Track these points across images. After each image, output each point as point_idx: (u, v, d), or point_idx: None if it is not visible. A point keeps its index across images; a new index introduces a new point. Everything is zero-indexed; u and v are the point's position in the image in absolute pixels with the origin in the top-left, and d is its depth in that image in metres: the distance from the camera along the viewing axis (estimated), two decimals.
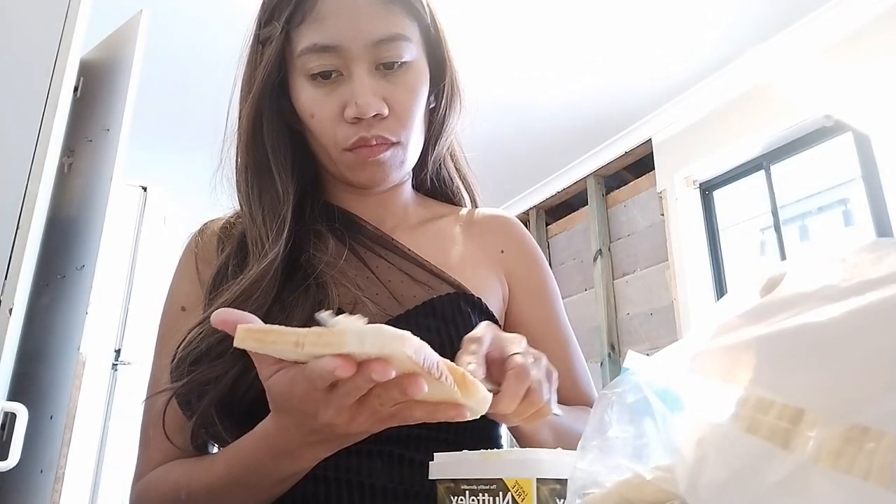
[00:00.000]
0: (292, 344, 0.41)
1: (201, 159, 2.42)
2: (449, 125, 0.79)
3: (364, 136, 0.69)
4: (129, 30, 1.79)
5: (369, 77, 0.68)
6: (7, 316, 1.33)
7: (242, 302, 0.65)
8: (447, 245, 0.80)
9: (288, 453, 0.54)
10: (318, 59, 0.68)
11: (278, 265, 0.68)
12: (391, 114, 0.69)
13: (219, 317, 0.44)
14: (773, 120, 2.83)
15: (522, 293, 0.81)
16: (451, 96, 0.78)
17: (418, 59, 0.72)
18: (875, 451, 0.26)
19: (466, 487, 0.45)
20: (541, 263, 0.85)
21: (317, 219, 0.76)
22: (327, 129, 0.70)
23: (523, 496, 0.42)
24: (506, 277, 0.81)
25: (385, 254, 0.76)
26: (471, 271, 0.77)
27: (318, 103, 0.70)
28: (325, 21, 0.68)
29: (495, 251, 0.82)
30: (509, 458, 0.44)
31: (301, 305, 0.67)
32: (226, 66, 0.79)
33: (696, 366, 0.35)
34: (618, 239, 3.65)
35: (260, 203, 0.73)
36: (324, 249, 0.72)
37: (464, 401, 0.43)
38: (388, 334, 0.39)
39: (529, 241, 0.86)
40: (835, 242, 0.34)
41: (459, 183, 0.88)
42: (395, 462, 0.64)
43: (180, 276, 0.78)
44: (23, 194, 1.40)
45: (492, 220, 0.86)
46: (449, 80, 0.77)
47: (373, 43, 0.68)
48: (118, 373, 3.31)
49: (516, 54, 2.92)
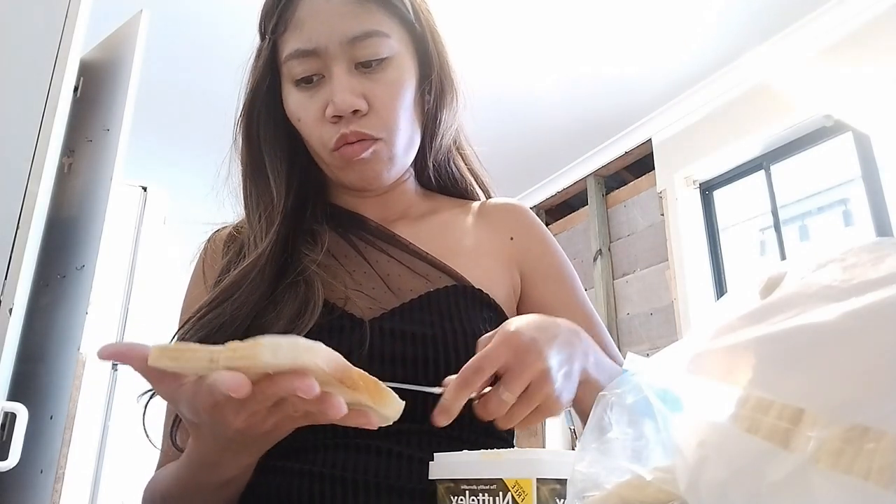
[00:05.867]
0: (207, 360, 0.41)
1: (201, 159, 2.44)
2: (443, 121, 0.78)
3: (344, 132, 0.69)
4: (129, 30, 1.79)
5: (347, 75, 0.69)
6: (7, 316, 1.33)
7: (230, 296, 0.67)
8: (451, 236, 0.79)
9: (210, 463, 0.55)
10: (299, 65, 0.70)
11: (266, 260, 0.69)
12: (371, 110, 0.69)
13: (105, 351, 0.43)
14: (773, 120, 2.83)
15: (538, 278, 0.80)
16: (442, 91, 0.77)
17: (399, 54, 0.71)
18: (875, 451, 0.26)
19: (466, 487, 0.45)
20: (552, 246, 0.84)
21: (317, 219, 0.77)
22: (313, 131, 0.72)
23: (523, 496, 0.42)
24: (518, 265, 0.80)
25: (385, 247, 0.76)
26: (475, 262, 0.76)
27: (303, 107, 0.71)
28: (303, 26, 0.70)
29: (504, 239, 0.81)
30: (509, 458, 0.44)
31: (290, 302, 0.68)
32: (226, 66, 0.80)
33: (696, 366, 0.35)
34: (618, 239, 3.65)
35: (256, 208, 0.74)
36: (314, 247, 0.73)
37: (377, 409, 0.44)
38: (302, 346, 0.40)
39: (539, 226, 0.85)
40: (835, 242, 0.34)
41: (472, 180, 0.87)
42: (393, 459, 0.64)
43: (191, 283, 0.80)
44: (23, 194, 1.40)
45: (500, 208, 0.85)
46: (437, 75, 0.76)
47: (347, 41, 0.68)
48: (118, 373, 3.31)
49: (516, 54, 2.92)
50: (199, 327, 0.66)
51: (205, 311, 0.67)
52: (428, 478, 0.49)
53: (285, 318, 0.66)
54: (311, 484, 0.62)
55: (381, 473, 0.62)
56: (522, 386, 0.52)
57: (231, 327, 0.66)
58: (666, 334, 3.19)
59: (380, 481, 0.62)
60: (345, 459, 0.63)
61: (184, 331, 0.67)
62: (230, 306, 0.67)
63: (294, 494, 0.62)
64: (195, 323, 0.67)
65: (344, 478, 0.62)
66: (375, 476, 0.62)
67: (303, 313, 0.66)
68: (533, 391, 0.52)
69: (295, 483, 0.62)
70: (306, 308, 0.67)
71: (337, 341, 0.66)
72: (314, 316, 0.66)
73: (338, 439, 0.64)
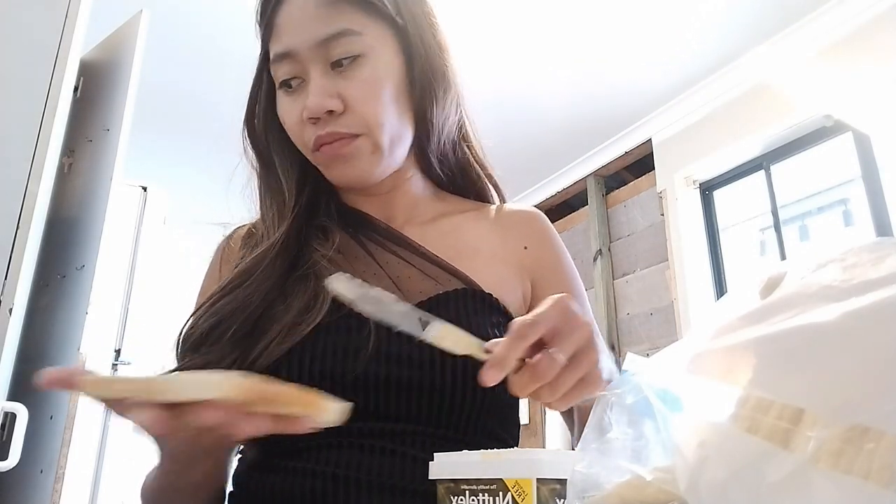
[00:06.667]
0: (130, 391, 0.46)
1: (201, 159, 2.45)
2: (434, 115, 0.76)
3: (319, 133, 0.70)
4: (129, 30, 1.79)
5: (322, 77, 0.69)
6: (7, 316, 1.33)
7: (242, 283, 0.68)
8: (462, 239, 0.79)
9: (175, 471, 0.59)
10: (280, 69, 0.71)
11: (277, 250, 0.70)
12: (347, 109, 0.69)
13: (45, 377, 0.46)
14: (773, 120, 2.83)
15: (549, 289, 0.79)
16: (429, 85, 0.75)
17: (374, 50, 0.71)
18: (875, 451, 0.26)
19: (466, 487, 0.45)
20: (565, 259, 0.83)
21: (329, 216, 0.78)
22: (296, 134, 0.73)
23: (523, 496, 0.42)
24: (529, 274, 0.80)
25: (395, 249, 0.76)
26: (486, 267, 0.76)
27: (287, 111, 0.72)
28: (280, 30, 0.71)
29: (518, 247, 0.81)
30: (509, 458, 0.44)
31: (300, 294, 0.68)
32: (226, 66, 0.81)
33: (696, 366, 0.35)
34: (618, 239, 3.65)
35: (270, 206, 0.76)
36: (324, 243, 0.73)
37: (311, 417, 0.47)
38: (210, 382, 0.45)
39: (554, 236, 0.85)
40: (835, 242, 0.34)
41: (485, 180, 0.86)
42: (397, 458, 0.64)
43: (207, 275, 0.82)
44: (23, 194, 1.40)
45: (516, 214, 0.85)
46: (420, 69, 0.74)
47: (318, 43, 0.69)
48: (118, 373, 3.31)
49: (516, 54, 2.92)
50: (212, 313, 0.67)
51: (217, 297, 0.68)
52: (429, 478, 0.49)
53: (294, 311, 0.67)
54: (312, 482, 0.62)
55: (385, 473, 0.62)
56: (573, 347, 0.50)
57: (243, 314, 0.67)
58: (666, 334, 3.19)
59: (383, 481, 0.62)
60: (348, 459, 0.63)
61: (197, 316, 0.68)
62: (242, 293, 0.68)
63: (296, 493, 0.62)
64: (207, 309, 0.68)
65: (347, 477, 0.62)
66: (379, 476, 0.62)
67: (311, 308, 0.67)
68: (581, 357, 0.51)
69: (297, 482, 0.63)
70: (315, 302, 0.67)
71: (344, 339, 0.66)
72: (321, 311, 0.67)
73: (341, 438, 0.64)
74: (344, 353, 0.66)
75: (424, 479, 0.50)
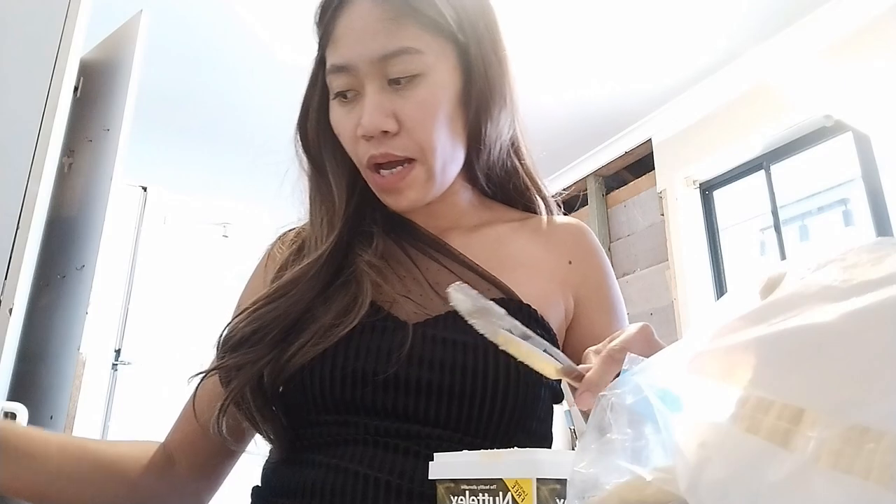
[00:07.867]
0: None
1: (201, 159, 2.46)
2: (487, 134, 0.75)
3: (373, 153, 0.69)
4: (129, 30, 1.79)
5: (379, 94, 0.68)
6: (7, 316, 1.33)
7: (287, 292, 0.70)
8: (504, 250, 0.78)
9: None
10: (336, 80, 0.70)
11: (324, 262, 0.71)
12: (402, 130, 0.68)
13: None
14: (773, 120, 2.83)
15: (592, 308, 0.78)
16: (485, 104, 0.73)
17: (434, 69, 0.69)
18: (875, 451, 0.26)
19: (466, 487, 0.45)
20: (610, 277, 0.82)
21: (375, 221, 0.78)
22: (350, 147, 0.73)
23: (523, 496, 0.42)
24: (573, 290, 0.78)
25: (436, 256, 0.76)
26: (527, 279, 0.75)
27: (341, 122, 0.72)
28: (339, 41, 0.69)
29: (562, 262, 0.80)
30: (509, 458, 0.44)
31: (340, 298, 0.70)
32: (226, 67, 0.81)
33: (696, 366, 0.35)
34: (618, 239, 3.65)
35: (319, 212, 0.76)
36: (367, 248, 0.74)
37: None
38: None
39: (600, 253, 0.83)
40: (835, 242, 0.34)
41: (533, 191, 0.85)
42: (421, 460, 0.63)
43: (252, 276, 0.84)
44: (23, 194, 1.40)
45: (563, 228, 0.83)
46: (479, 88, 0.73)
47: (378, 59, 0.67)
48: (118, 373, 3.31)
49: (515, 54, 2.92)
50: (253, 319, 0.68)
51: (261, 304, 0.70)
52: (429, 478, 0.49)
53: (333, 313, 0.68)
54: (334, 477, 0.63)
55: (407, 475, 0.63)
56: None
57: (284, 321, 0.68)
58: (666, 334, 3.17)
59: (402, 482, 0.62)
60: (371, 456, 0.64)
61: (238, 319, 0.69)
62: (285, 302, 0.69)
63: (317, 487, 0.63)
64: (250, 314, 0.69)
65: (367, 475, 0.62)
66: (400, 478, 0.62)
67: (350, 310, 0.68)
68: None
69: (319, 475, 0.63)
70: (354, 304, 0.69)
71: (378, 340, 0.67)
72: (360, 314, 0.68)
73: (367, 435, 0.65)
74: (377, 353, 0.66)
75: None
